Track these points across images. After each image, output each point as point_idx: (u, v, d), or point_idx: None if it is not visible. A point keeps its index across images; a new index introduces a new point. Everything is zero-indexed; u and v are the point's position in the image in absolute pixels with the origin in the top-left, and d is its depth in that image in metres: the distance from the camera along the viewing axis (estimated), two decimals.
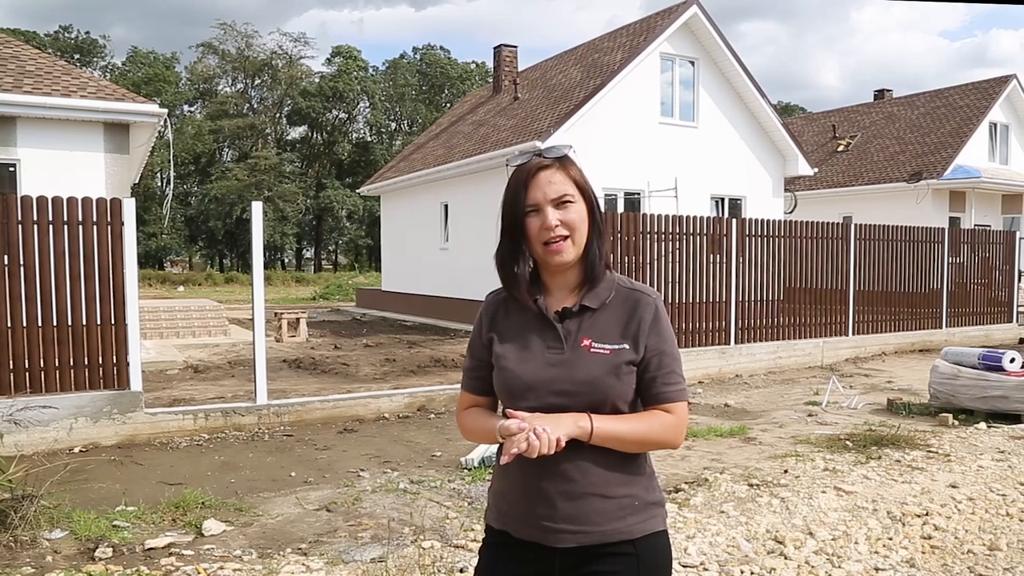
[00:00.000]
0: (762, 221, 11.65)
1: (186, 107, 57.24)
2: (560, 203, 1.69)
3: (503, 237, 1.76)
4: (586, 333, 1.71)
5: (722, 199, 16.92)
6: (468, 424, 1.84)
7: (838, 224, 12.83)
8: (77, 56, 53.40)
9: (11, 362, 6.53)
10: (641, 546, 1.69)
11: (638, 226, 10.26)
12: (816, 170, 19.57)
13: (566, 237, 1.69)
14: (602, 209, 1.82)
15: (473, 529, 4.57)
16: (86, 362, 6.79)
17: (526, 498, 1.71)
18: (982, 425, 7.45)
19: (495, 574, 1.78)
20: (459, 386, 1.93)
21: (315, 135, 59.48)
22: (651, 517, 1.73)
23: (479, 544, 1.90)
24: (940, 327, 14.11)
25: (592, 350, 1.69)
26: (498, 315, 1.82)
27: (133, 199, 7.19)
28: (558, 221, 1.68)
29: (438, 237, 19.24)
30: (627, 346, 1.69)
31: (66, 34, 55.14)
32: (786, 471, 5.80)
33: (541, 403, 1.66)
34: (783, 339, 11.70)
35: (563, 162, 1.73)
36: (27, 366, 6.58)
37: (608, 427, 1.64)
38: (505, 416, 1.64)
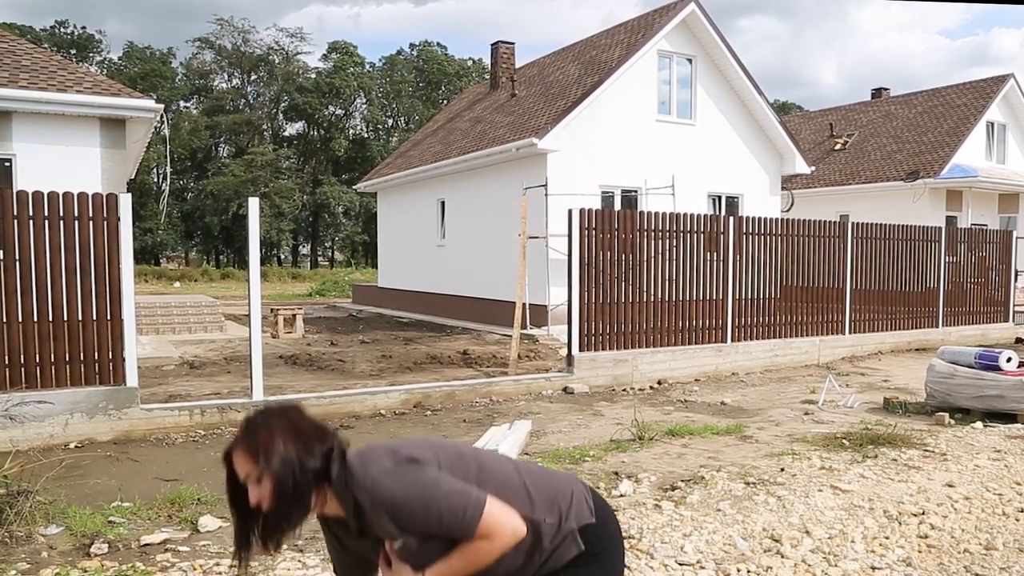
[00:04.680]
0: (759, 219, 11.65)
1: (182, 103, 57.07)
2: (251, 482, 1.82)
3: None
4: (383, 535, 1.85)
5: (719, 197, 16.92)
6: None
7: (835, 223, 12.84)
8: (73, 51, 53.24)
9: (6, 357, 6.50)
10: (565, 570, 1.93)
11: (635, 224, 10.26)
12: (813, 168, 19.58)
13: (269, 510, 1.81)
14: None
15: None
16: (82, 357, 6.77)
17: None
18: (978, 424, 7.46)
19: None
20: (457, 383, 2.00)
21: (312, 131, 59.36)
22: (562, 553, 1.92)
23: None
24: (937, 326, 14.13)
25: (396, 548, 1.85)
26: (335, 536, 2.03)
27: (129, 194, 7.17)
28: (256, 500, 1.80)
29: (435, 234, 19.22)
30: (400, 542, 1.82)
31: (62, 29, 54.97)
32: (782, 469, 5.81)
33: None
34: (780, 337, 11.71)
35: (240, 444, 1.85)
36: (23, 361, 6.56)
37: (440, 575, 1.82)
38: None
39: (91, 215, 6.76)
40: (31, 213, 6.56)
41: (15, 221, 6.51)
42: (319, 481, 1.79)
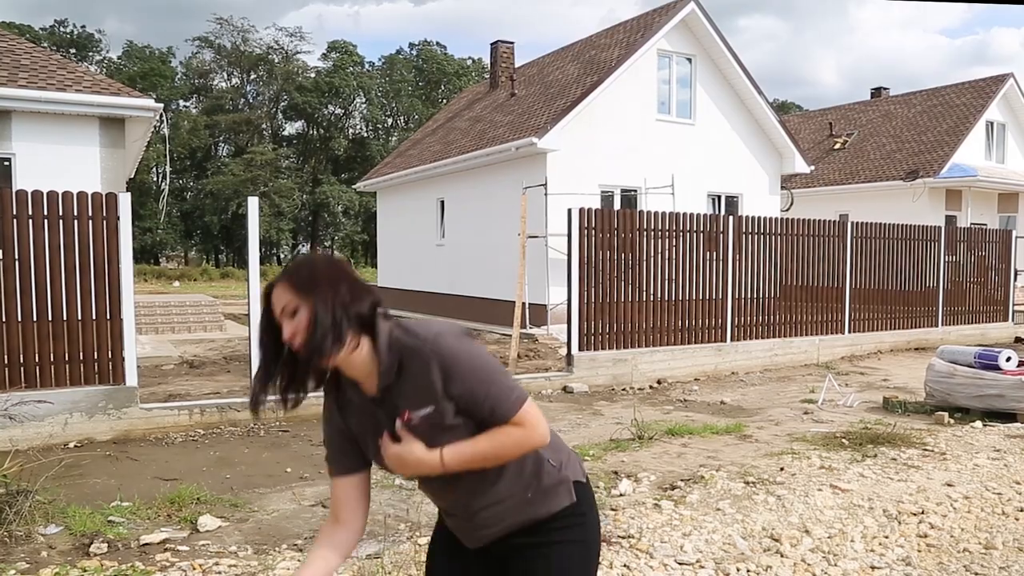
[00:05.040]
0: (759, 219, 11.65)
1: (182, 102, 57.06)
2: (287, 315, 1.73)
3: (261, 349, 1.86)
4: (402, 406, 1.77)
5: (719, 196, 16.92)
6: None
7: (834, 222, 12.84)
8: (73, 50, 53.19)
9: (6, 356, 6.50)
10: (550, 524, 1.86)
11: (635, 223, 10.26)
12: (813, 168, 19.58)
13: (303, 342, 1.72)
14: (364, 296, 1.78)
15: None
16: (81, 357, 6.77)
17: (441, 510, 2.00)
18: (978, 424, 7.46)
19: (440, 541, 2.04)
20: None
21: (311, 130, 59.33)
22: (551, 497, 1.86)
23: None
24: (936, 325, 14.13)
25: (413, 422, 1.76)
26: (341, 408, 1.92)
27: (128, 194, 7.17)
28: (290, 332, 1.72)
29: (434, 233, 19.21)
30: (431, 409, 1.74)
31: (62, 28, 54.94)
32: (782, 469, 5.81)
33: (405, 479, 1.83)
34: (779, 337, 11.71)
35: (285, 277, 1.76)
36: (22, 360, 6.56)
37: (457, 456, 1.75)
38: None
39: (90, 214, 6.75)
40: (30, 212, 6.56)
41: (14, 220, 6.51)
42: (360, 327, 1.73)
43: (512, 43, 21.09)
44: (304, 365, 1.75)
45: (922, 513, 4.80)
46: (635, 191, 15.57)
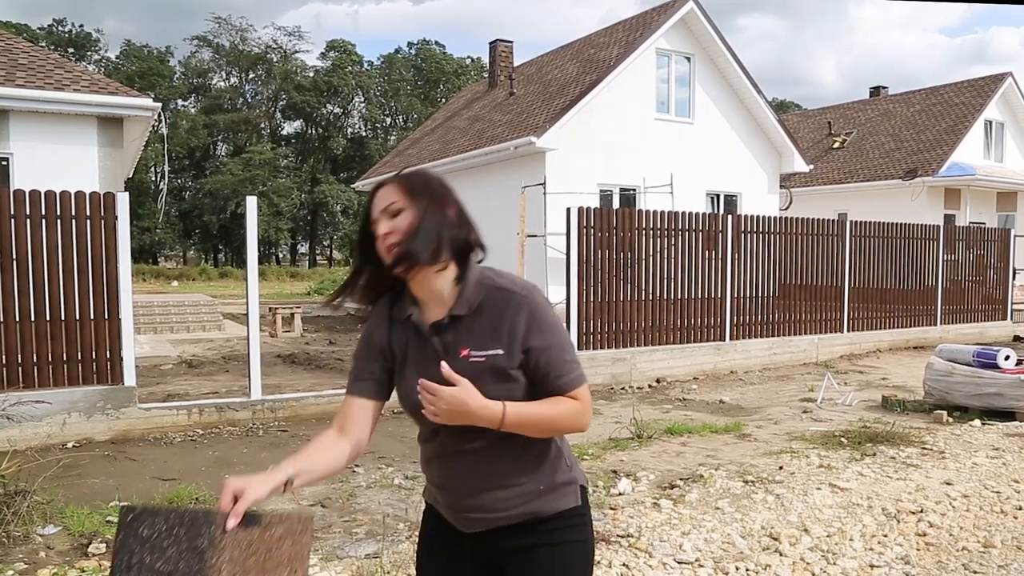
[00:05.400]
0: (758, 217, 11.65)
1: (180, 101, 57.10)
2: (389, 213, 1.69)
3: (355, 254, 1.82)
4: (463, 342, 1.71)
5: (718, 195, 16.92)
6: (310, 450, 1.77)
7: (833, 221, 12.84)
8: (71, 50, 53.16)
9: (3, 356, 6.49)
10: (552, 524, 1.78)
11: (634, 222, 10.26)
12: (812, 167, 19.59)
13: (398, 242, 1.68)
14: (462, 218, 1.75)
15: None
16: (79, 357, 6.76)
17: (438, 486, 1.84)
18: (977, 422, 7.46)
19: (429, 545, 1.93)
20: None
21: (310, 130, 59.34)
22: (560, 496, 1.79)
23: None
24: (935, 324, 14.14)
25: (471, 359, 1.69)
26: (391, 327, 1.82)
27: (127, 193, 7.16)
28: (388, 229, 1.68)
29: None
30: (501, 351, 1.68)
31: (60, 27, 54.91)
32: (781, 468, 5.80)
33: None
34: (778, 335, 11.71)
35: (399, 178, 1.74)
36: (19, 360, 6.55)
37: (518, 413, 1.66)
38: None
39: (88, 214, 6.74)
40: (28, 212, 6.55)
41: (12, 220, 6.50)
42: (455, 252, 1.71)
43: (511, 42, 21.08)
44: (389, 268, 1.70)
45: (921, 512, 4.80)
46: (634, 190, 15.56)
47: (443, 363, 1.64)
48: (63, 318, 6.68)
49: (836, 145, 25.53)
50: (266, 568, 1.43)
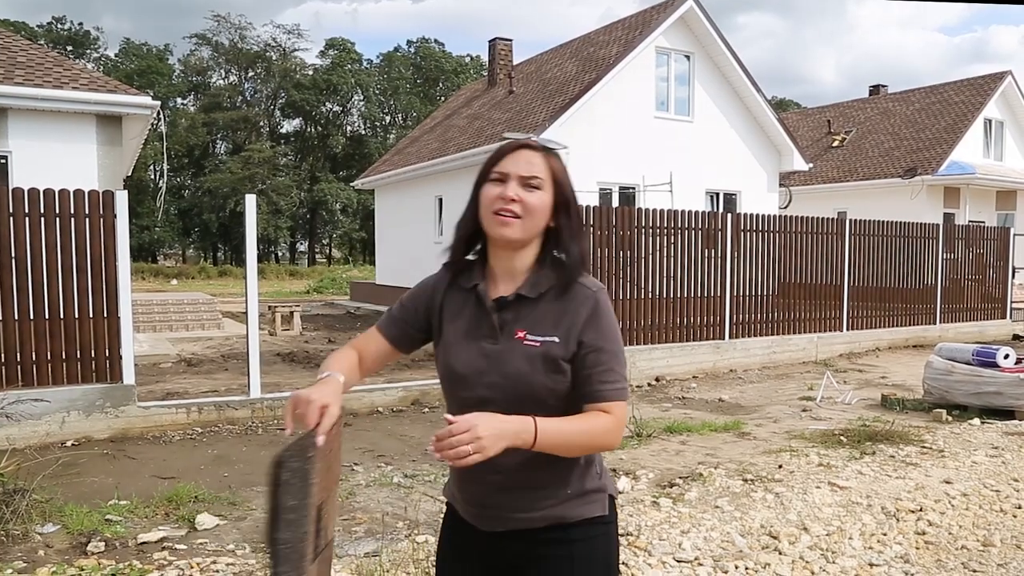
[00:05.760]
0: (757, 216, 11.64)
1: (179, 99, 56.99)
2: (527, 182, 1.67)
3: (469, 202, 1.78)
4: (522, 324, 1.68)
5: (717, 194, 16.91)
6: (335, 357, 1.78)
7: (833, 219, 12.84)
8: (70, 48, 53.07)
9: (3, 355, 6.48)
10: (575, 532, 1.72)
11: (633, 220, 10.25)
12: (811, 165, 19.58)
13: (518, 216, 1.66)
14: (581, 204, 1.78)
15: None
16: (78, 355, 6.75)
17: (461, 484, 1.78)
18: (976, 421, 7.46)
19: (446, 547, 1.88)
20: None
21: (309, 128, 59.29)
22: (587, 504, 1.74)
23: None
24: (934, 323, 14.14)
25: (525, 342, 1.66)
26: (449, 291, 1.80)
27: (126, 191, 7.15)
28: (517, 196, 1.65)
29: (432, 231, 19.17)
30: (557, 339, 1.65)
31: (59, 25, 54.83)
32: (780, 466, 5.81)
33: (472, 394, 1.67)
34: (777, 334, 11.71)
35: (549, 152, 1.72)
36: (19, 359, 6.54)
37: (550, 439, 1.57)
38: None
39: (87, 212, 6.73)
40: (27, 210, 6.53)
41: (11, 218, 6.49)
42: (559, 240, 1.71)
43: (510, 40, 21.06)
44: (487, 229, 1.70)
45: (920, 510, 4.80)
46: (633, 188, 15.56)
47: (447, 415, 1.58)
48: (62, 316, 6.68)
49: (835, 144, 25.52)
50: (329, 461, 1.59)
